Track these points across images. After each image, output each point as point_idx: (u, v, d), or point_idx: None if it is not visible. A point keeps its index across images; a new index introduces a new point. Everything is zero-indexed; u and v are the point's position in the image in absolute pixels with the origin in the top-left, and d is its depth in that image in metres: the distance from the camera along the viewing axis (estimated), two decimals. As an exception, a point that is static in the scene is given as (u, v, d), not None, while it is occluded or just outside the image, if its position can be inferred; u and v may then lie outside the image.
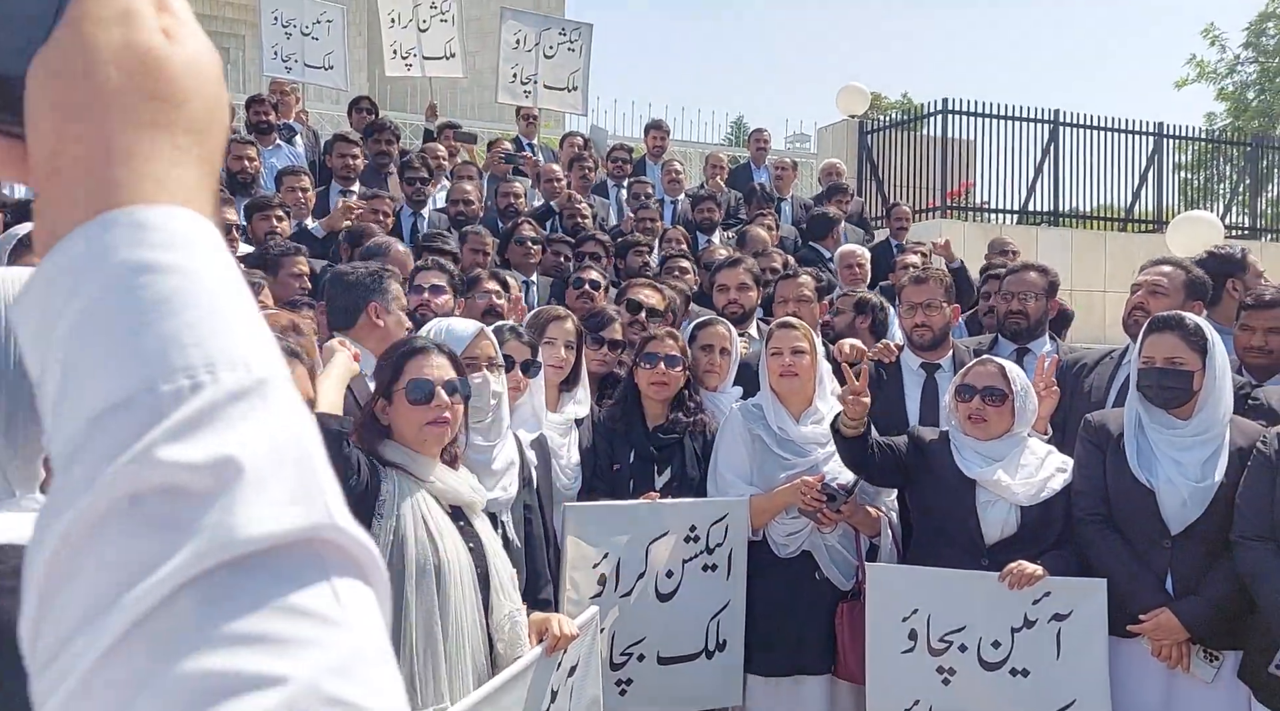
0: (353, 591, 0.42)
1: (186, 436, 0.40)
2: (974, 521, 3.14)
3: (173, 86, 0.48)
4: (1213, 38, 19.96)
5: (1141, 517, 3.02)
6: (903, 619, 3.10)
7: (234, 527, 0.39)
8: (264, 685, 0.37)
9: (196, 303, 0.43)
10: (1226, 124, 19.63)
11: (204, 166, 0.48)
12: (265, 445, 0.41)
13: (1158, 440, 3.05)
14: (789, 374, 3.37)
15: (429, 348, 2.42)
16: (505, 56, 8.98)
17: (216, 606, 0.38)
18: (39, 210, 0.47)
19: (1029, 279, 4.08)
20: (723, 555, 3.27)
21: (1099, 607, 3.01)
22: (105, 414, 0.41)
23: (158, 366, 0.41)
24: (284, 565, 0.40)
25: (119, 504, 0.40)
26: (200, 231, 0.45)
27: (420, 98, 11.17)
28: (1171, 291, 3.68)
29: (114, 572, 0.39)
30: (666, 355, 3.43)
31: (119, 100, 0.46)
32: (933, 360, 3.90)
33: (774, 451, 3.36)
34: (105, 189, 0.45)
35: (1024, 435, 3.23)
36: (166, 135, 0.47)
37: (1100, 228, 12.91)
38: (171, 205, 0.45)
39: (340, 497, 0.43)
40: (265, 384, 0.43)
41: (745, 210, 8.00)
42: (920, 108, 13.45)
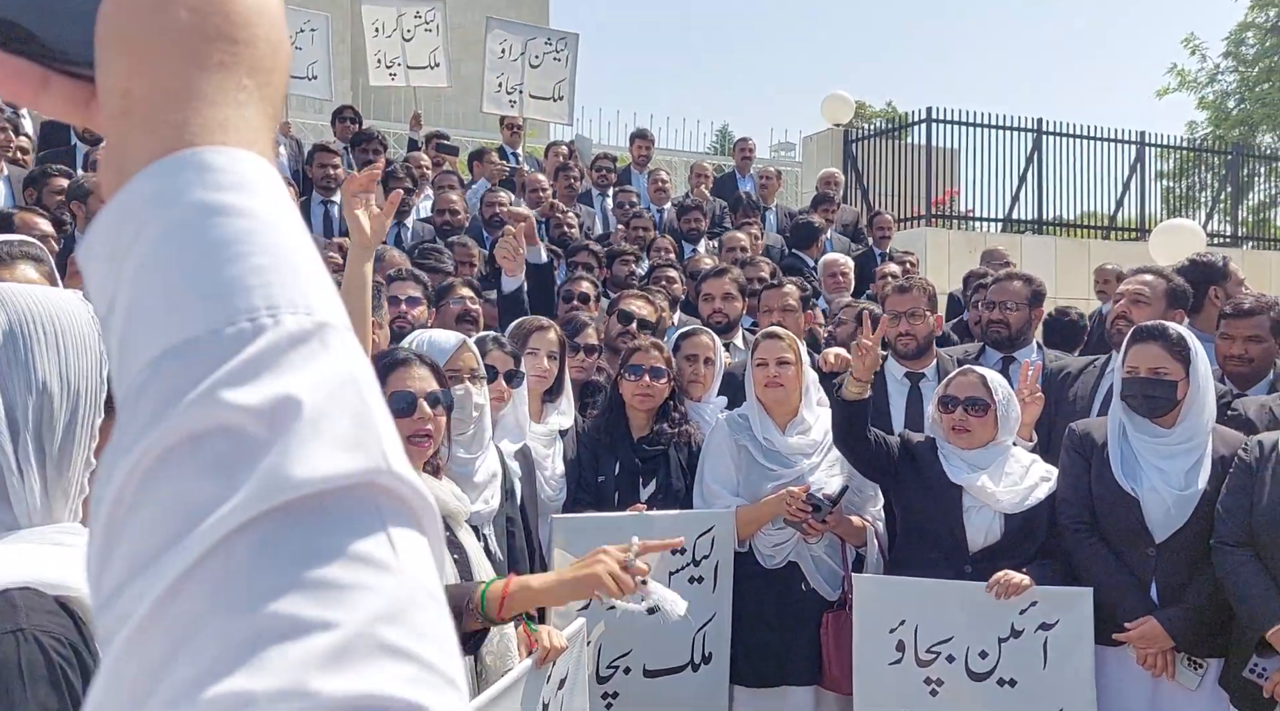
0: (407, 538, 0.41)
1: (247, 379, 0.40)
2: (959, 527, 3.14)
3: (240, 26, 0.48)
4: (1193, 47, 20.16)
5: (1126, 526, 3.03)
6: (890, 630, 3.10)
7: (289, 471, 0.39)
8: (316, 630, 0.37)
9: (261, 245, 0.43)
10: (1208, 132, 19.81)
11: (267, 107, 0.48)
12: (324, 390, 0.41)
13: (1141, 449, 3.07)
14: (774, 384, 3.37)
15: (411, 359, 2.40)
16: (490, 66, 8.97)
17: (271, 551, 0.38)
18: (106, 149, 0.47)
19: (1012, 288, 4.09)
20: (709, 567, 3.26)
21: (1085, 617, 3.02)
22: (169, 354, 0.41)
23: (222, 308, 0.41)
24: (340, 510, 0.40)
25: (180, 445, 0.40)
26: (265, 175, 0.45)
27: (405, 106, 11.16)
28: (1153, 300, 3.70)
29: (173, 514, 0.39)
30: (651, 367, 3.42)
31: (188, 40, 0.47)
32: (917, 369, 3.91)
33: (760, 462, 3.36)
34: (174, 129, 0.45)
35: (1008, 443, 3.24)
36: (233, 76, 0.47)
37: (1084, 236, 13.00)
38: (238, 148, 0.45)
39: (397, 444, 0.43)
40: (325, 328, 0.43)
41: (731, 219, 8.01)
42: (905, 116, 13.53)
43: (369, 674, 0.37)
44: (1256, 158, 14.97)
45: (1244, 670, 2.85)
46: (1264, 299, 3.66)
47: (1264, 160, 15.20)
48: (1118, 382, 3.15)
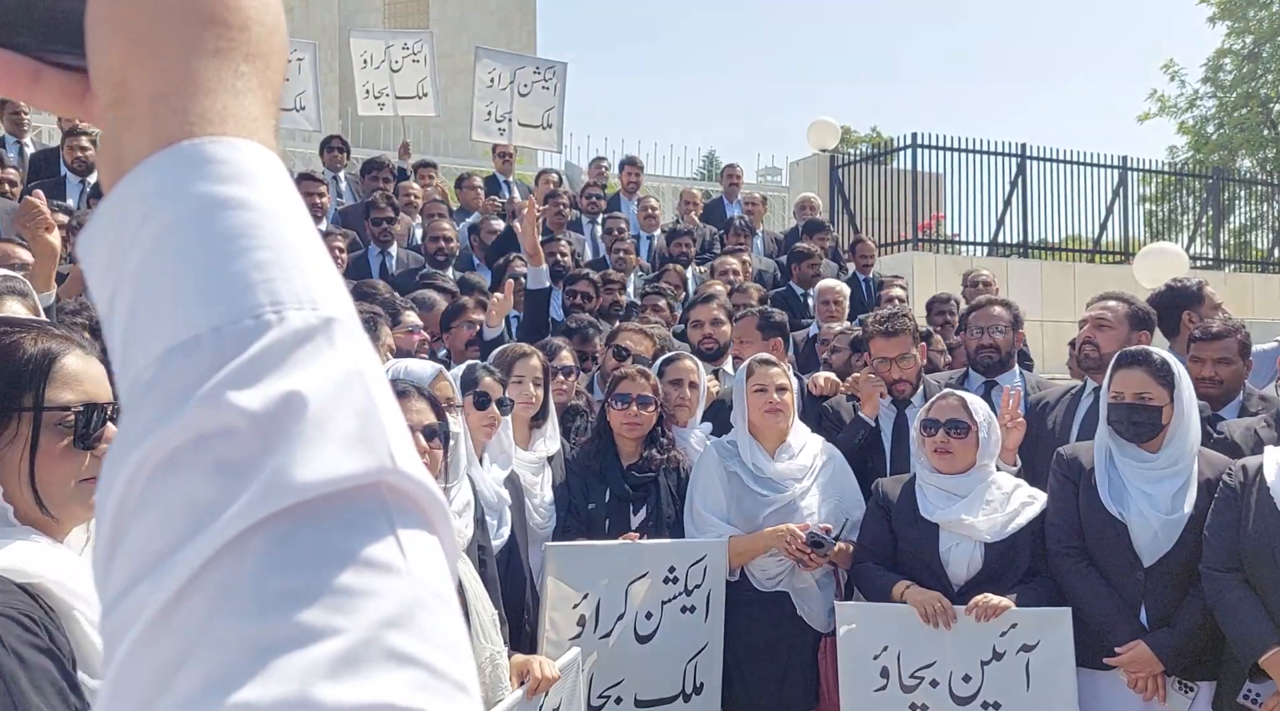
0: (416, 539, 0.41)
1: (252, 378, 0.40)
2: (938, 564, 3.16)
3: (234, 10, 0.47)
4: (1173, 73, 20.46)
5: (1114, 550, 3.04)
6: (874, 657, 3.10)
7: (293, 473, 0.39)
8: (322, 637, 0.36)
9: (265, 239, 0.42)
10: (1188, 157, 20.05)
11: (266, 94, 0.47)
12: (328, 387, 0.40)
13: (1128, 473, 3.09)
14: (775, 410, 3.38)
15: (409, 392, 2.40)
16: (480, 94, 9.02)
17: (275, 556, 0.38)
18: (103, 141, 0.46)
19: (995, 313, 4.13)
20: (701, 597, 3.26)
21: (1065, 636, 3.04)
22: (173, 352, 0.40)
23: (226, 305, 0.41)
24: (346, 512, 0.39)
25: (185, 445, 0.39)
26: (266, 165, 0.44)
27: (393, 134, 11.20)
28: (1116, 324, 3.75)
29: (177, 518, 0.38)
30: (638, 395, 3.43)
31: (182, 26, 0.45)
32: (903, 395, 3.92)
33: (751, 488, 3.36)
34: (172, 119, 0.44)
35: (989, 468, 3.26)
36: (230, 63, 0.46)
37: (1069, 259, 13.10)
38: (238, 137, 0.44)
39: (406, 441, 0.42)
40: (332, 323, 0.42)
41: (724, 241, 8.05)
42: (890, 142, 13.66)
43: (376, 682, 0.36)
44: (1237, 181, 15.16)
45: (1237, 696, 2.86)
46: (1232, 322, 3.73)
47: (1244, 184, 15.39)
48: (1103, 407, 3.17)
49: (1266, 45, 19.88)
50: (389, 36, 9.88)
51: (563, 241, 6.75)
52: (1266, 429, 3.31)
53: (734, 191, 9.53)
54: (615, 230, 7.40)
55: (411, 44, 9.38)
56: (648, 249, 8.03)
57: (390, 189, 7.26)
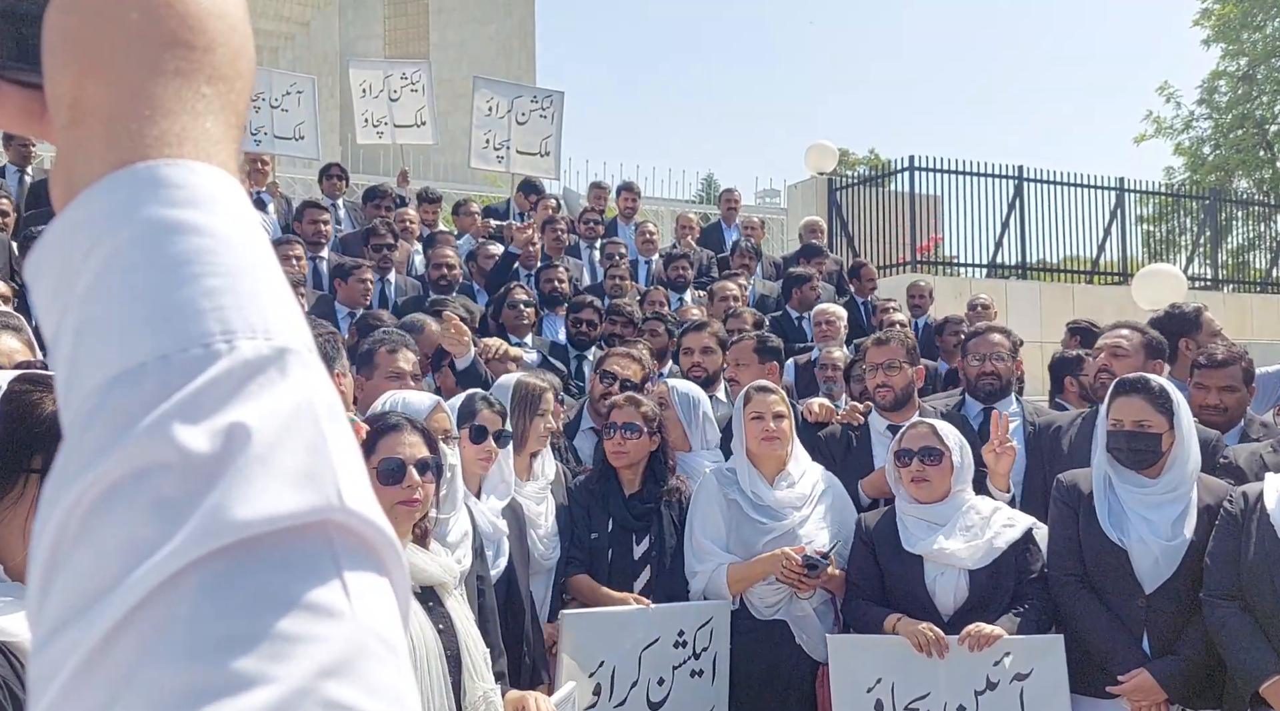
0: (363, 582, 0.39)
1: (197, 410, 0.38)
2: (925, 595, 3.15)
3: (197, 31, 0.45)
4: (1168, 95, 20.56)
5: (1115, 576, 3.03)
6: (867, 690, 3.08)
7: (233, 512, 0.37)
8: (253, 686, 0.35)
9: (219, 265, 0.41)
10: (1185, 178, 20.13)
11: (229, 117, 0.46)
12: (275, 420, 0.39)
13: (1127, 499, 3.08)
14: (771, 438, 3.37)
15: (403, 425, 2.39)
16: (478, 123, 9.08)
17: (211, 598, 0.36)
18: (57, 162, 0.45)
19: (995, 340, 4.14)
20: (708, 660, 3.26)
21: (1058, 663, 3.02)
22: (117, 381, 0.39)
23: (174, 333, 0.39)
24: (289, 552, 0.37)
25: (124, 480, 0.37)
26: (224, 189, 0.43)
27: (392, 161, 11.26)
28: (1132, 352, 3.76)
29: (112, 556, 0.37)
30: (624, 423, 3.43)
31: (141, 46, 0.44)
32: (898, 421, 3.92)
33: (750, 516, 3.34)
34: (127, 141, 0.42)
35: (965, 494, 3.25)
36: (191, 84, 0.44)
37: (1067, 280, 13.12)
38: (195, 160, 0.43)
39: (358, 478, 0.40)
40: (285, 354, 0.40)
41: (730, 263, 8.06)
42: (888, 164, 13.71)
43: None
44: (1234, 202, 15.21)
45: (1240, 723, 2.83)
46: (1235, 349, 3.74)
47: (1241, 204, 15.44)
48: (1100, 434, 3.17)
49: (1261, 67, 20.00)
50: (388, 67, 9.96)
51: (560, 267, 6.76)
52: (1272, 454, 3.30)
53: (732, 215, 9.55)
54: (615, 255, 7.41)
55: (410, 73, 9.46)
56: (646, 273, 8.04)
57: (391, 216, 7.29)
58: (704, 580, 3.30)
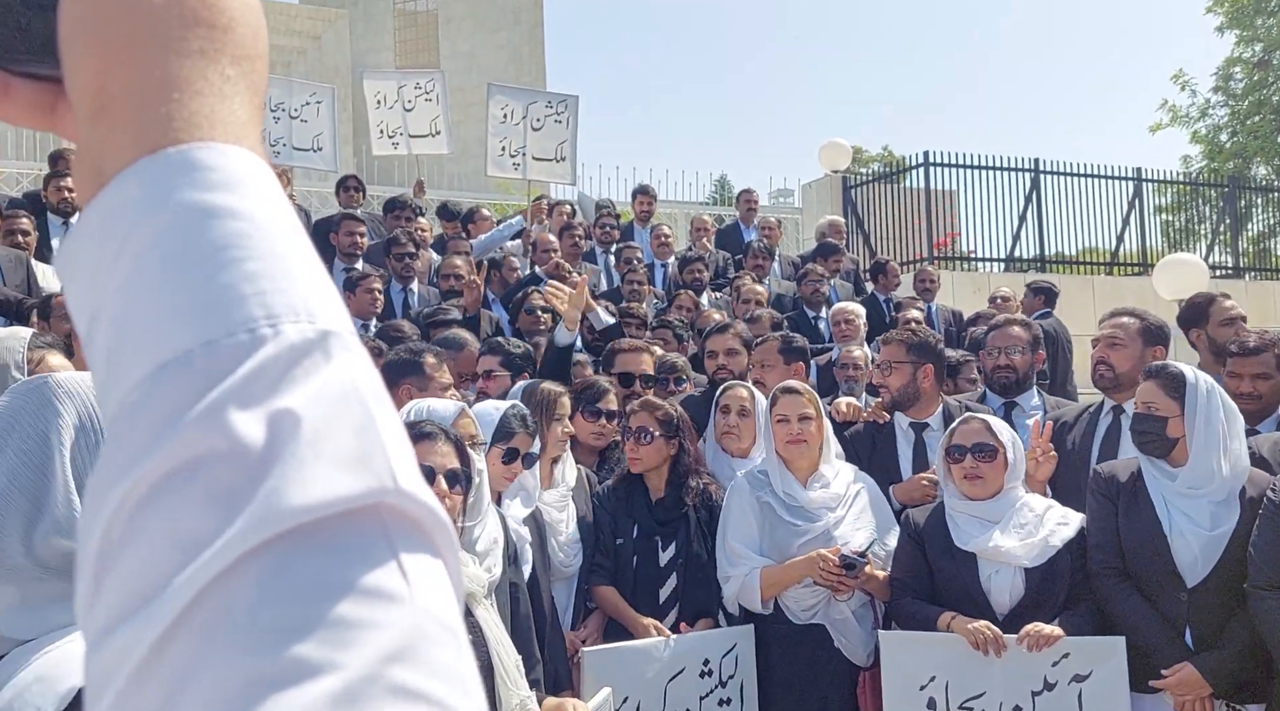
0: (418, 564, 0.38)
1: (246, 396, 0.37)
2: (980, 594, 3.10)
3: (218, 9, 0.45)
4: (1183, 83, 20.37)
5: (1157, 569, 2.99)
6: (920, 687, 3.03)
7: (288, 498, 0.36)
8: (320, 673, 0.34)
9: (257, 249, 0.40)
10: (1203, 166, 19.95)
11: (252, 97, 0.45)
12: (324, 404, 0.38)
13: (1157, 488, 3.05)
14: (797, 441, 3.33)
15: (436, 434, 2.36)
16: (493, 130, 9.09)
17: (269, 587, 0.36)
18: (81, 151, 0.44)
19: (1013, 333, 4.09)
20: (735, 687, 3.21)
21: (1119, 666, 2.96)
22: (163, 370, 0.38)
23: (218, 319, 0.38)
24: (344, 537, 0.37)
25: (174, 471, 0.37)
26: (256, 171, 0.42)
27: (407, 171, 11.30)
28: (1128, 341, 3.71)
29: (166, 550, 0.36)
30: (638, 428, 3.41)
31: (165, 27, 0.43)
32: (920, 419, 3.89)
33: (784, 518, 3.30)
34: (157, 125, 0.42)
35: (1018, 490, 3.20)
36: (215, 64, 0.44)
37: (1087, 272, 13.03)
38: (225, 143, 0.42)
39: (408, 458, 0.40)
40: (328, 336, 0.40)
41: (743, 265, 8.04)
42: (902, 160, 13.67)
43: None
44: (1253, 189, 15.07)
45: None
46: (1267, 335, 3.68)
47: (1260, 191, 15.30)
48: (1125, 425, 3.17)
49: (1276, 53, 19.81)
50: (401, 77, 9.98)
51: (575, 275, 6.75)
52: None
53: (750, 216, 9.53)
54: (633, 260, 7.40)
55: (424, 83, 9.48)
56: (662, 277, 8.03)
57: (412, 227, 7.31)
58: (737, 585, 3.26)
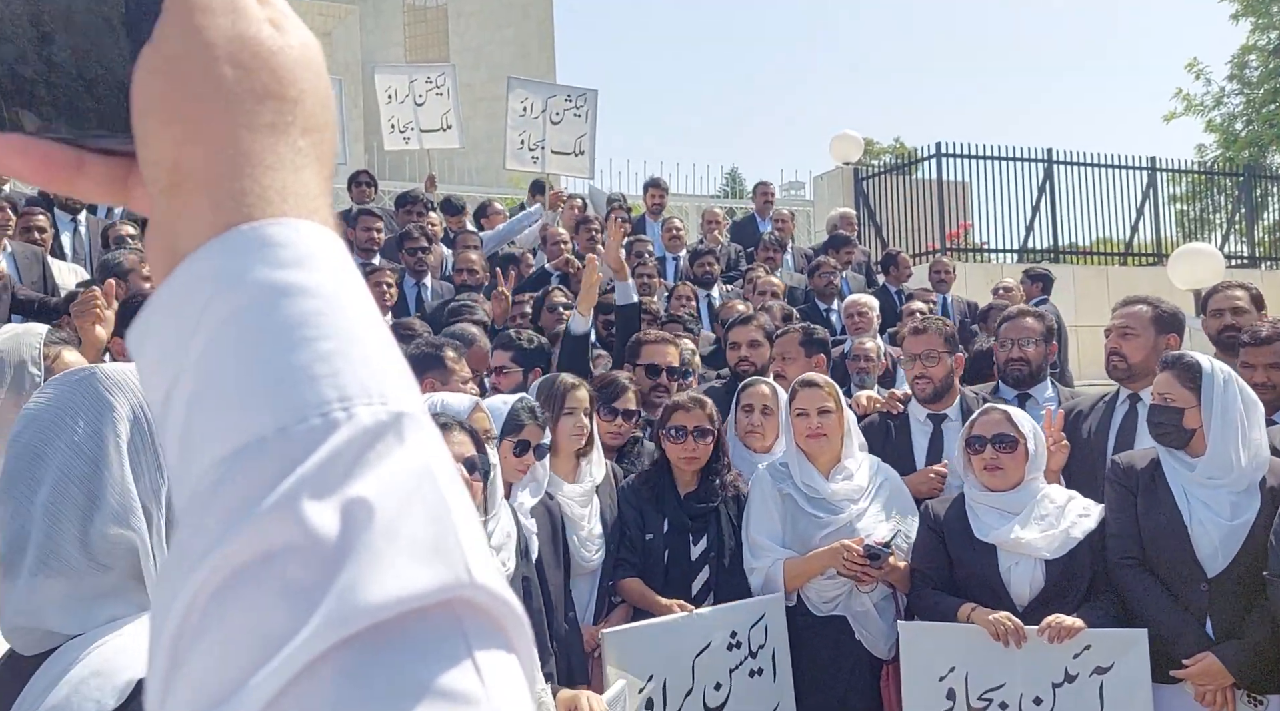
0: (495, 661, 0.38)
1: (320, 485, 0.37)
2: (999, 585, 3.09)
3: (288, 83, 0.45)
4: (1197, 72, 20.22)
5: (1177, 560, 2.97)
6: (939, 678, 3.02)
7: (363, 592, 0.36)
8: None
9: (329, 328, 0.40)
10: (1217, 155, 19.80)
11: (322, 168, 0.45)
12: (399, 491, 0.38)
13: (1175, 479, 3.03)
14: (817, 434, 3.31)
15: (450, 425, 2.39)
16: (512, 124, 9.09)
17: (344, 691, 0.35)
18: (154, 226, 0.44)
19: (1026, 325, 4.06)
20: (766, 657, 3.17)
21: (1141, 659, 2.94)
22: (236, 456, 0.38)
23: (292, 402, 0.38)
24: (419, 634, 0.36)
25: (249, 563, 0.36)
26: (328, 246, 0.42)
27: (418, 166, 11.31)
28: (1140, 330, 3.69)
29: (241, 646, 0.36)
30: (696, 427, 3.34)
31: (236, 102, 0.43)
32: (939, 410, 3.86)
33: (806, 510, 3.28)
34: (230, 202, 0.42)
35: (1039, 482, 3.18)
36: (286, 137, 0.44)
37: (1101, 262, 12.96)
38: (298, 218, 0.42)
39: (482, 548, 0.40)
40: (401, 419, 0.39)
41: (756, 255, 8.02)
42: (914, 152, 13.60)
43: None
44: (1269, 178, 14.94)
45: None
46: None
47: (1276, 180, 15.16)
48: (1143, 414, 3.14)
49: (1292, 40, 19.64)
50: (412, 71, 9.99)
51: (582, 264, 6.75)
52: None
53: (767, 208, 9.53)
54: (644, 253, 7.38)
55: (435, 77, 9.50)
56: (674, 270, 8.02)
57: (423, 221, 7.32)
58: (761, 577, 3.25)
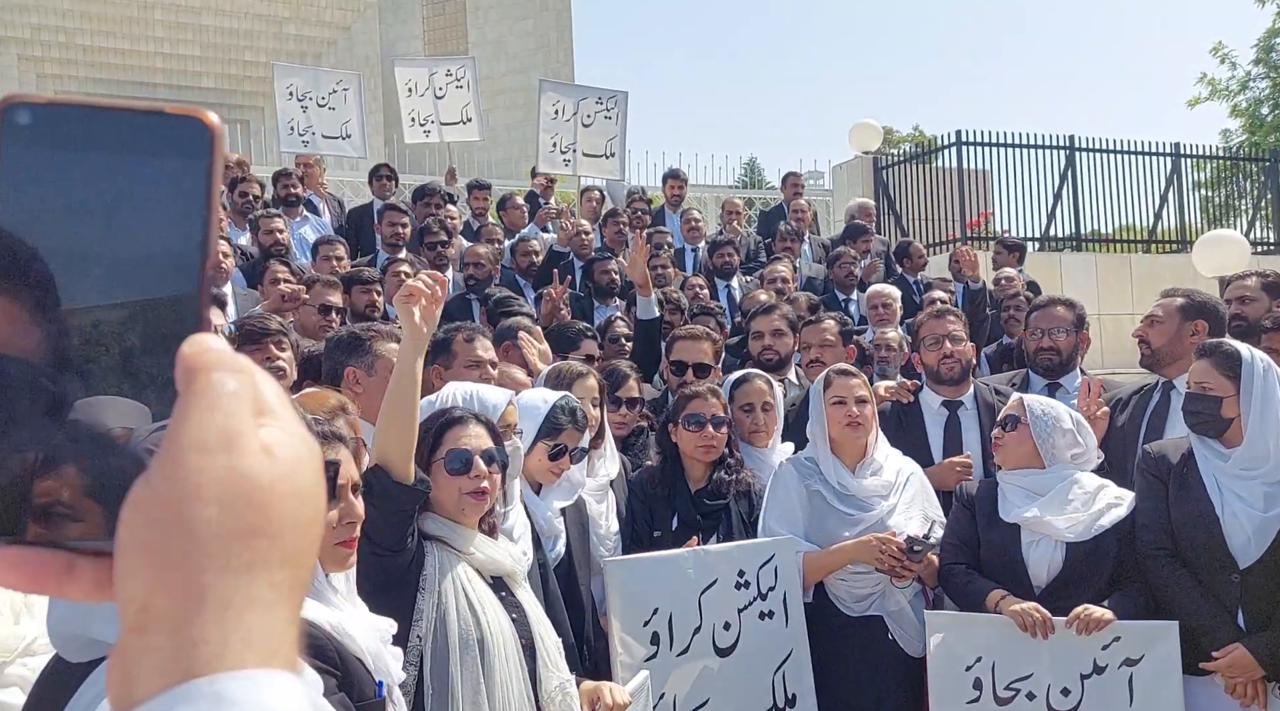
0: None
1: None
2: (1019, 563, 3.06)
3: (274, 517, 0.44)
4: (1222, 56, 19.91)
5: (1207, 551, 2.93)
6: (966, 668, 2.98)
7: None
8: None
9: None
10: (1243, 140, 19.53)
11: (295, 596, 0.45)
12: None
13: (1209, 469, 2.99)
14: (855, 424, 3.22)
15: (466, 417, 2.41)
16: (545, 127, 9.13)
17: None
18: (117, 651, 0.43)
19: (1056, 313, 4.02)
20: (777, 600, 3.07)
21: (1172, 651, 2.90)
22: None
23: None
24: None
25: None
26: (285, 698, 0.42)
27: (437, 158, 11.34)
28: (1165, 317, 3.66)
29: None
30: (713, 416, 3.28)
31: (218, 542, 0.43)
32: (954, 397, 3.83)
33: (836, 508, 3.19)
34: (191, 651, 0.41)
35: (1067, 468, 3.15)
36: (263, 573, 0.43)
37: (1124, 250, 12.82)
38: (258, 669, 0.42)
39: None
40: None
41: (774, 246, 7.99)
42: (934, 140, 13.50)
43: None
44: (1296, 163, 14.72)
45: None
46: None
47: (1303, 165, 14.94)
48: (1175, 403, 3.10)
49: (1319, 22, 19.33)
50: (432, 64, 10.01)
51: (611, 261, 6.73)
52: None
53: (796, 200, 9.48)
54: (662, 244, 7.37)
55: (455, 70, 9.52)
56: (693, 261, 8.00)
57: (441, 214, 7.34)
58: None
